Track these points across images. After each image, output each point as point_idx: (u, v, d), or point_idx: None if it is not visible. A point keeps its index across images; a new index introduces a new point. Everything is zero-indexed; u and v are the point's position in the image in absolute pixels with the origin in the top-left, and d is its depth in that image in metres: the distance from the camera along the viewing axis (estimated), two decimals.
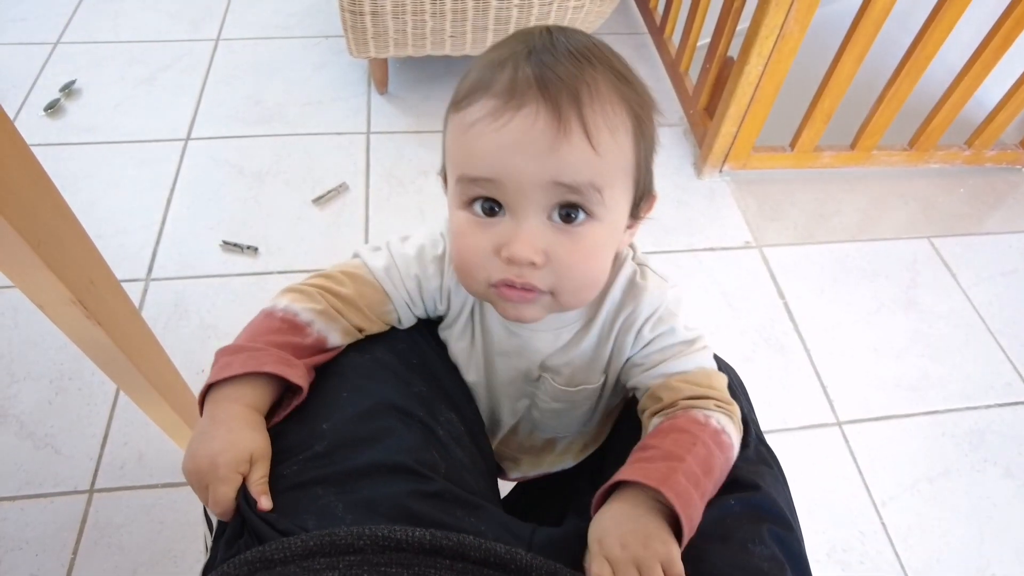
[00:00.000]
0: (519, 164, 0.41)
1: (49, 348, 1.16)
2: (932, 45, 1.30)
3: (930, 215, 1.54)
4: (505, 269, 0.44)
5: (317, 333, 0.50)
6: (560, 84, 0.40)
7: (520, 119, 0.40)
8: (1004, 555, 1.06)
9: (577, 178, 0.41)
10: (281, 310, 0.50)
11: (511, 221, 0.43)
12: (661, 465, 0.44)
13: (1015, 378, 1.27)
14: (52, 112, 1.54)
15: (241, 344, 0.49)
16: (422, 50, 1.50)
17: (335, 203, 1.43)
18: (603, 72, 0.42)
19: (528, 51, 0.42)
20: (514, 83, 0.41)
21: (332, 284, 0.52)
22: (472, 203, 0.44)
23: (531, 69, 0.41)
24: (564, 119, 0.40)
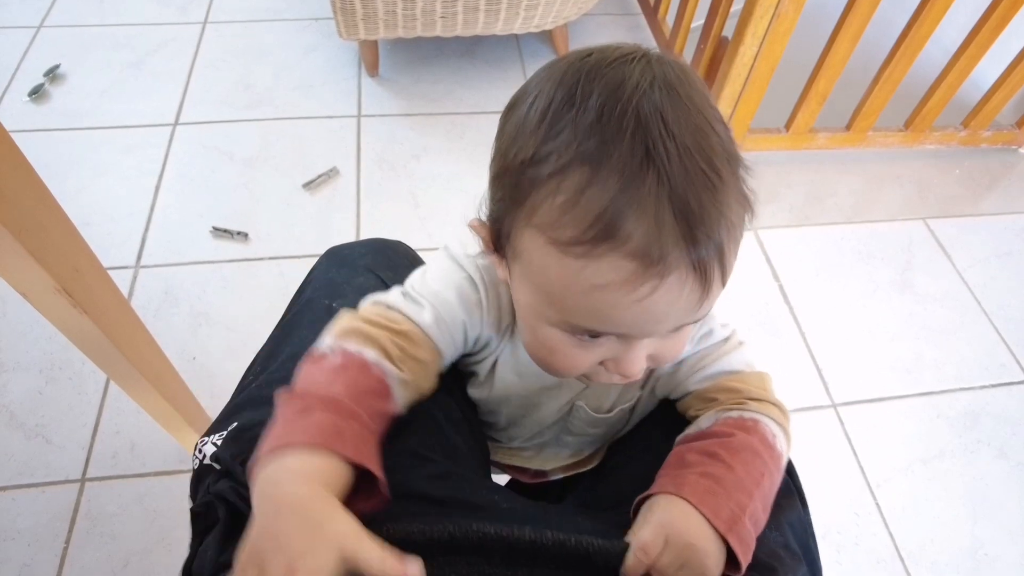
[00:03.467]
0: (656, 328, 0.37)
1: (39, 337, 1.15)
2: (928, 25, 1.29)
3: (925, 197, 1.54)
4: (608, 375, 0.42)
5: (395, 404, 0.44)
6: (709, 243, 0.33)
7: (665, 290, 0.34)
8: (997, 535, 1.07)
9: (703, 315, 0.38)
10: (374, 363, 0.42)
11: (620, 344, 0.39)
12: (732, 502, 0.41)
13: (1009, 359, 1.28)
14: (36, 97, 1.51)
15: (333, 397, 0.39)
16: (412, 31, 1.47)
17: (326, 188, 1.41)
18: (731, 187, 0.35)
19: (659, 178, 0.32)
20: (658, 240, 0.32)
21: (408, 344, 0.44)
22: (575, 332, 0.39)
23: (674, 220, 0.32)
24: (709, 279, 0.35)
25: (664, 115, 0.33)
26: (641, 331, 0.37)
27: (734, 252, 0.37)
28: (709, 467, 0.43)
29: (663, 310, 0.35)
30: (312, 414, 0.37)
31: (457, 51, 1.72)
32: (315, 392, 0.39)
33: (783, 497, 0.47)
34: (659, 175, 0.32)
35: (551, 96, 0.35)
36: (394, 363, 0.43)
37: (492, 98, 1.62)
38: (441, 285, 0.46)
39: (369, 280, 0.61)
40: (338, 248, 0.68)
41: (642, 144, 0.32)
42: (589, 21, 1.83)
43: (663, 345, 0.40)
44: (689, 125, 0.34)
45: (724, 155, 0.35)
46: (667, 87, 0.34)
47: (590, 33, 1.80)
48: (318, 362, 0.42)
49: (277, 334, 0.61)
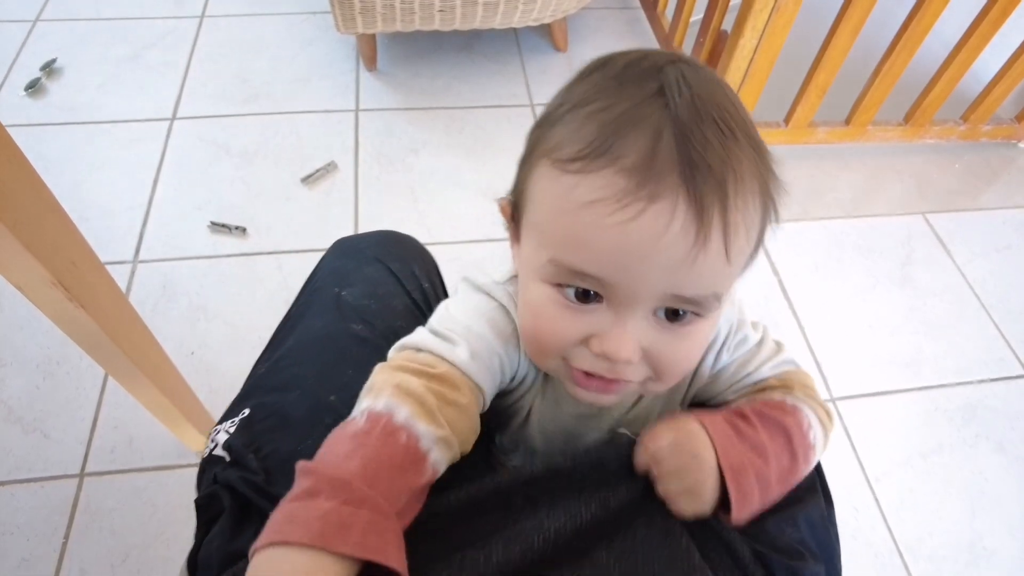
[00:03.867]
0: (640, 272, 0.34)
1: (36, 332, 1.15)
2: (928, 18, 1.28)
3: (925, 191, 1.54)
4: (593, 361, 0.38)
5: (432, 469, 0.38)
6: (708, 173, 0.32)
7: (653, 215, 0.32)
8: (995, 528, 1.07)
9: (701, 292, 0.35)
10: (403, 427, 0.37)
11: (609, 314, 0.36)
12: (745, 454, 0.41)
13: (1008, 353, 1.28)
14: (33, 92, 1.51)
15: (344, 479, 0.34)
16: (411, 25, 1.47)
17: (324, 182, 1.41)
18: (744, 146, 0.34)
19: (667, 109, 0.33)
20: (653, 159, 0.32)
21: (447, 390, 0.40)
22: (563, 286, 0.37)
23: (674, 143, 0.32)
24: (706, 222, 0.32)
25: (685, 75, 0.34)
26: (623, 269, 0.34)
27: (744, 226, 0.34)
28: (737, 421, 0.43)
29: (649, 244, 0.32)
30: (317, 500, 0.33)
31: (455, 45, 1.71)
32: (325, 471, 0.35)
33: (805, 492, 0.47)
34: (667, 105, 0.33)
35: (588, 66, 0.38)
36: (431, 418, 0.38)
37: (490, 92, 1.62)
38: (471, 318, 0.43)
39: (378, 270, 0.61)
40: (346, 239, 0.68)
41: (656, 82, 0.34)
42: (588, 15, 1.82)
43: (661, 338, 0.37)
44: (707, 89, 0.34)
45: (742, 126, 0.34)
46: (694, 64, 0.36)
47: (589, 27, 1.80)
48: (344, 427, 0.38)
49: (284, 323, 0.61)
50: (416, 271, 0.64)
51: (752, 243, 0.36)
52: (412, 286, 0.61)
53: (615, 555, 0.37)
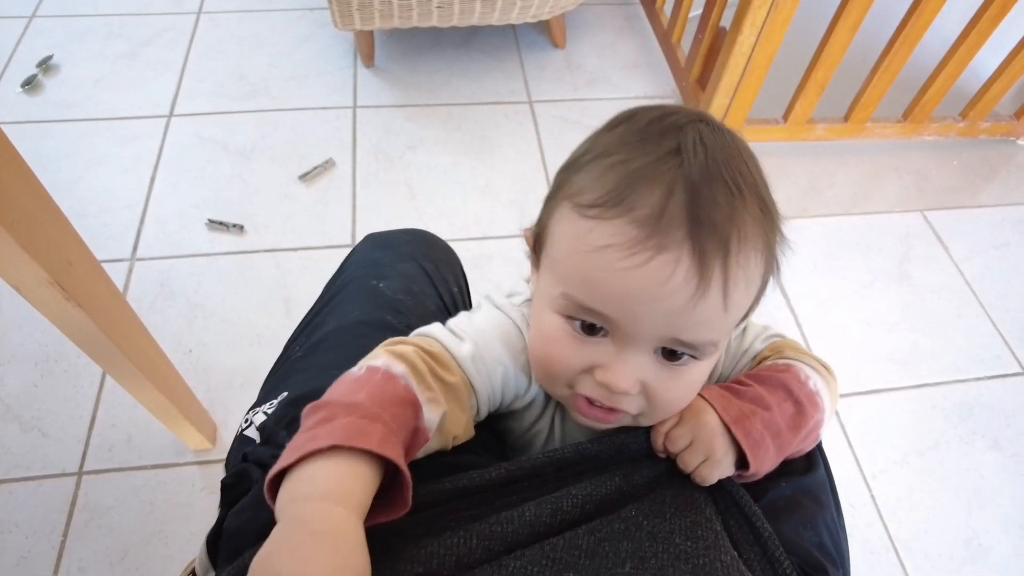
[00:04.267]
0: (644, 316, 0.36)
1: (34, 330, 1.15)
2: (928, 14, 1.28)
3: (923, 188, 1.54)
4: (594, 388, 0.40)
5: (425, 421, 0.40)
6: (712, 231, 0.35)
7: (658, 264, 0.34)
8: (991, 526, 1.07)
9: (699, 339, 0.38)
10: (399, 376, 0.40)
11: (612, 348, 0.39)
12: (745, 406, 0.44)
13: (1005, 351, 1.28)
14: (29, 88, 1.50)
15: (356, 403, 0.37)
16: (408, 21, 1.46)
17: (322, 179, 1.40)
18: (751, 206, 0.37)
19: (681, 168, 0.35)
20: (662, 214, 0.34)
21: (438, 366, 0.43)
22: (572, 318, 0.39)
23: (684, 200, 0.34)
24: (706, 276, 0.35)
25: (703, 135, 0.37)
26: (627, 310, 0.36)
27: (744, 280, 0.36)
28: (732, 385, 0.46)
29: (652, 290, 0.35)
30: (335, 420, 0.35)
31: (454, 41, 1.71)
32: (337, 401, 0.38)
33: (825, 495, 0.49)
34: (681, 164, 0.35)
35: (616, 118, 0.41)
36: (421, 380, 0.41)
37: (489, 89, 1.61)
38: (486, 326, 0.46)
39: (413, 267, 0.63)
40: (379, 233, 0.69)
41: (675, 141, 0.36)
42: (586, 11, 1.82)
43: (659, 375, 0.39)
44: (723, 151, 0.37)
45: (752, 186, 0.37)
46: (714, 125, 0.39)
47: (587, 23, 1.79)
48: (345, 376, 0.41)
49: (320, 308, 0.62)
50: (447, 275, 0.66)
51: (752, 296, 0.39)
52: (443, 289, 0.64)
53: (644, 512, 0.40)
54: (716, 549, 0.38)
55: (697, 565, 0.37)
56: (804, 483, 0.47)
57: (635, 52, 1.73)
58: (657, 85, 1.66)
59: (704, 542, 0.39)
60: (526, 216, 0.46)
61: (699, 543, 0.39)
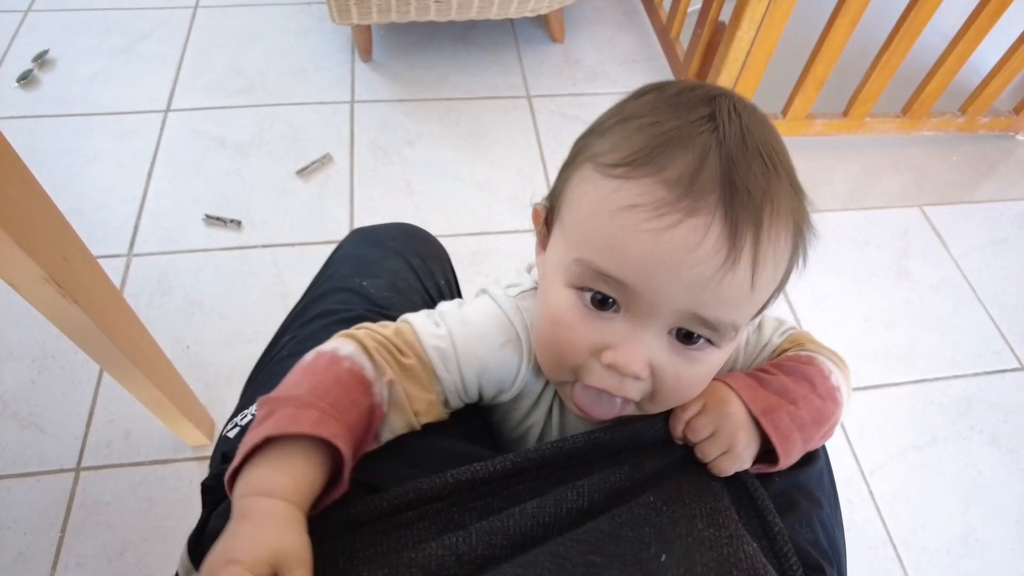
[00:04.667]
0: (667, 284, 0.34)
1: (31, 326, 1.14)
2: (927, 9, 1.28)
3: (922, 183, 1.54)
4: (602, 375, 0.38)
5: (378, 399, 0.40)
6: (747, 199, 0.33)
7: (688, 228, 0.32)
8: (988, 521, 1.08)
9: (722, 318, 0.35)
10: (346, 357, 0.40)
11: (625, 324, 0.37)
12: (772, 398, 0.43)
13: (1003, 346, 1.28)
14: (25, 83, 1.49)
15: (294, 395, 0.38)
16: (406, 16, 1.46)
17: (319, 175, 1.40)
18: (784, 184, 0.35)
19: (716, 132, 0.34)
20: (696, 176, 0.33)
21: (395, 349, 0.42)
22: (584, 290, 0.37)
23: (718, 164, 0.33)
24: (738, 245, 0.33)
25: (737, 107, 0.36)
26: (649, 277, 0.34)
27: (774, 259, 0.35)
28: (758, 374, 0.45)
29: (679, 256, 0.33)
30: (273, 415, 0.36)
31: (452, 36, 1.70)
32: (279, 396, 0.38)
33: (821, 490, 0.48)
34: (716, 132, 0.34)
35: (641, 89, 0.39)
36: (372, 360, 0.40)
37: (487, 83, 1.61)
38: (474, 317, 0.45)
39: (399, 263, 0.62)
40: (366, 229, 0.68)
41: (708, 108, 0.35)
42: (585, 5, 1.81)
43: (671, 359, 0.37)
44: (756, 124, 0.36)
45: (783, 164, 0.36)
46: (745, 102, 0.38)
47: (586, 18, 1.78)
48: (294, 369, 0.41)
49: (303, 305, 0.61)
50: (434, 269, 0.65)
51: (777, 280, 0.37)
52: (430, 283, 0.63)
53: (662, 498, 0.39)
54: (739, 539, 0.37)
55: (722, 554, 0.36)
56: (799, 479, 0.47)
57: (634, 47, 1.72)
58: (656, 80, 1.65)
59: (726, 530, 0.38)
60: (526, 210, 0.44)
61: (721, 531, 0.37)
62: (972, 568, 1.03)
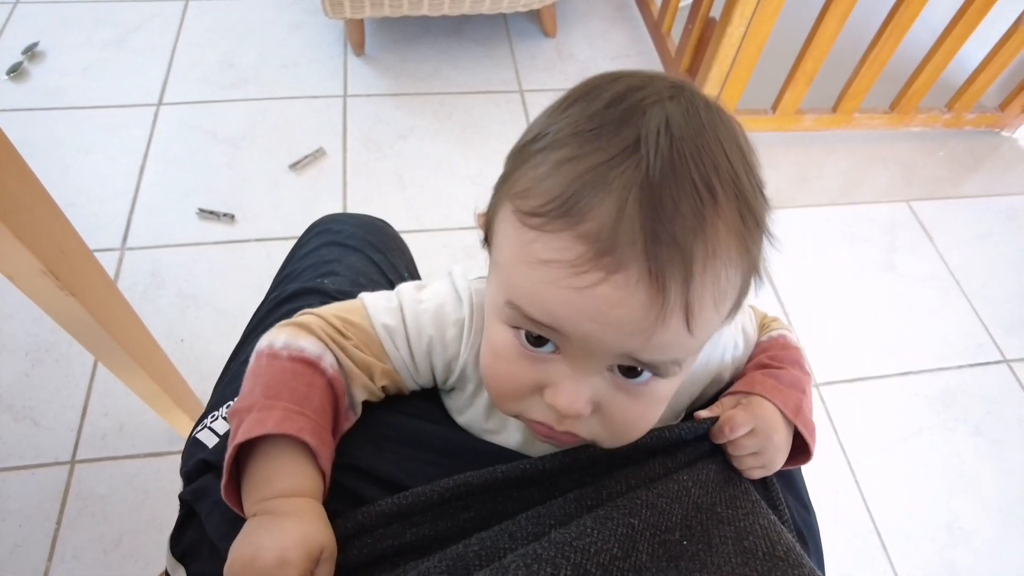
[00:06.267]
0: (596, 334, 0.32)
1: (24, 320, 1.14)
2: (915, 6, 1.29)
3: (909, 178, 1.55)
4: (545, 411, 0.37)
5: (331, 370, 0.41)
6: (673, 248, 0.30)
7: (611, 286, 0.30)
8: (971, 509, 1.10)
9: (660, 359, 0.34)
10: (282, 347, 0.41)
11: (563, 365, 0.35)
12: (794, 395, 0.46)
13: (987, 339, 1.30)
14: (15, 76, 1.48)
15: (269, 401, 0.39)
16: (399, 10, 1.46)
17: (312, 168, 1.40)
18: (726, 212, 0.31)
19: (639, 168, 0.30)
20: (616, 228, 0.30)
21: (335, 332, 0.43)
22: (519, 329, 0.35)
23: (639, 212, 0.30)
24: (668, 298, 0.30)
25: (671, 120, 0.31)
26: (577, 328, 0.32)
27: (713, 299, 0.32)
28: (774, 371, 0.47)
29: (605, 312, 0.31)
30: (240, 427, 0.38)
31: (444, 30, 1.70)
32: (238, 406, 0.40)
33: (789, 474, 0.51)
34: (639, 164, 0.30)
35: (575, 90, 0.36)
36: (308, 333, 0.42)
37: (480, 77, 1.61)
38: (427, 296, 0.45)
39: (359, 259, 0.62)
40: (327, 224, 0.68)
41: (634, 133, 0.31)
42: (577, 1, 1.82)
43: (615, 396, 0.36)
44: (696, 139, 0.32)
45: (730, 184, 0.32)
46: (688, 104, 0.33)
47: (578, 12, 1.79)
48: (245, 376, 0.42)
49: (265, 308, 0.62)
50: (396, 262, 0.65)
51: (724, 311, 0.34)
52: (394, 276, 0.63)
53: (693, 480, 0.41)
54: (755, 515, 0.40)
55: (739, 527, 0.39)
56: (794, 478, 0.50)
57: (626, 42, 1.73)
58: None
59: (743, 510, 0.40)
60: None
61: (739, 511, 0.40)
62: (956, 555, 1.05)
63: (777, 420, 0.44)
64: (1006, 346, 1.29)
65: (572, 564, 0.34)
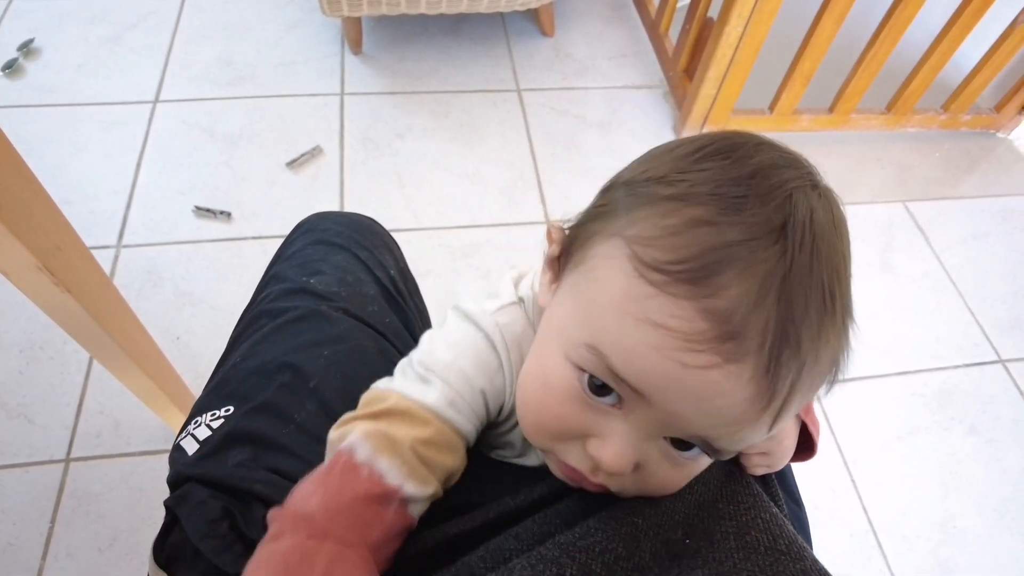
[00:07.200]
0: (684, 411, 0.30)
1: (18, 317, 1.14)
2: (912, 7, 1.29)
3: (905, 179, 1.56)
4: (580, 458, 0.35)
5: (406, 502, 0.37)
6: (795, 353, 0.29)
7: (723, 375, 0.28)
8: (966, 508, 1.10)
9: (730, 448, 0.33)
10: (364, 463, 0.36)
11: (619, 421, 0.33)
12: None
13: (982, 339, 1.31)
14: (10, 72, 1.48)
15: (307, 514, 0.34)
16: (396, 8, 1.46)
17: (309, 167, 1.40)
18: (837, 321, 0.30)
19: (783, 258, 0.28)
20: (748, 316, 0.28)
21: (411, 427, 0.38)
22: (586, 372, 0.32)
23: (775, 307, 0.28)
24: (774, 399, 0.29)
25: (814, 213, 0.30)
26: (668, 401, 0.30)
27: (800, 404, 0.31)
28: None
29: (708, 399, 0.29)
30: (281, 540, 0.33)
31: (442, 29, 1.70)
32: (288, 510, 0.35)
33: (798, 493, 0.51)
34: (784, 255, 0.28)
35: (713, 143, 0.33)
36: (394, 454, 0.36)
37: (477, 76, 1.61)
38: (454, 353, 0.40)
39: (346, 258, 0.62)
40: (313, 223, 0.68)
41: (782, 217, 0.29)
42: (575, 0, 1.82)
43: (659, 462, 0.34)
44: (831, 240, 0.30)
45: (844, 296, 0.31)
46: (827, 200, 0.32)
47: (576, 12, 1.79)
48: (312, 472, 0.37)
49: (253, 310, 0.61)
50: (382, 258, 0.65)
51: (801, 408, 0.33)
52: (381, 273, 0.63)
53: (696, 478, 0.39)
54: (756, 508, 0.39)
55: (740, 523, 0.37)
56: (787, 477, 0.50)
57: (623, 41, 1.73)
58: (645, 75, 1.67)
59: (744, 504, 0.39)
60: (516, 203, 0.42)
61: (740, 505, 0.39)
62: (951, 554, 1.06)
63: (790, 435, 0.44)
64: (1001, 346, 1.30)
65: (578, 564, 0.34)
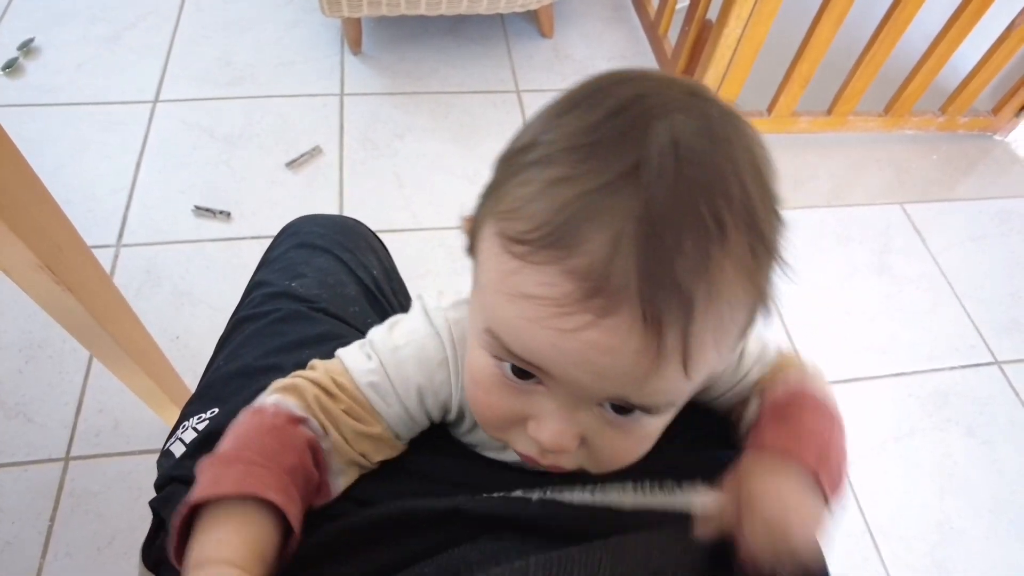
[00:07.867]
0: (582, 378, 0.29)
1: (17, 316, 1.14)
2: (910, 9, 1.30)
3: (903, 181, 1.56)
4: (528, 443, 0.34)
5: (312, 433, 0.39)
6: (672, 291, 0.27)
7: (601, 331, 0.27)
8: (963, 510, 1.11)
9: (651, 402, 0.31)
10: (270, 405, 0.39)
11: (549, 399, 0.32)
12: (812, 444, 0.40)
13: (978, 341, 1.31)
14: (10, 72, 1.48)
15: (234, 453, 0.37)
16: (396, 9, 1.46)
17: (309, 167, 1.40)
18: (735, 246, 0.28)
19: (639, 194, 0.27)
20: (607, 266, 0.26)
21: (326, 397, 0.40)
22: (501, 359, 0.32)
23: (635, 249, 0.26)
24: (663, 345, 0.27)
25: (679, 137, 0.27)
26: (562, 369, 0.29)
27: (714, 341, 0.29)
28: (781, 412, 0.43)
29: (593, 360, 0.28)
30: (203, 475, 0.35)
31: (441, 29, 1.70)
32: (211, 457, 0.37)
33: None
34: (638, 192, 0.27)
35: (576, 92, 0.31)
36: (301, 399, 0.39)
37: (477, 77, 1.62)
38: (402, 342, 0.41)
39: (327, 260, 0.63)
40: (298, 227, 0.69)
41: (634, 154, 0.27)
42: (574, 1, 1.82)
43: (603, 430, 0.33)
44: (707, 161, 0.28)
45: (743, 214, 0.28)
46: (701, 115, 0.29)
47: (575, 13, 1.80)
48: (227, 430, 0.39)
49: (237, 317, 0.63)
50: (366, 259, 0.66)
51: (725, 350, 0.31)
52: (364, 274, 0.64)
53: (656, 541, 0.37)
54: None
55: None
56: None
57: (623, 43, 1.73)
58: None
59: None
60: None
61: None
62: (948, 555, 1.06)
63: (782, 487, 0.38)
64: (997, 348, 1.30)
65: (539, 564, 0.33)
